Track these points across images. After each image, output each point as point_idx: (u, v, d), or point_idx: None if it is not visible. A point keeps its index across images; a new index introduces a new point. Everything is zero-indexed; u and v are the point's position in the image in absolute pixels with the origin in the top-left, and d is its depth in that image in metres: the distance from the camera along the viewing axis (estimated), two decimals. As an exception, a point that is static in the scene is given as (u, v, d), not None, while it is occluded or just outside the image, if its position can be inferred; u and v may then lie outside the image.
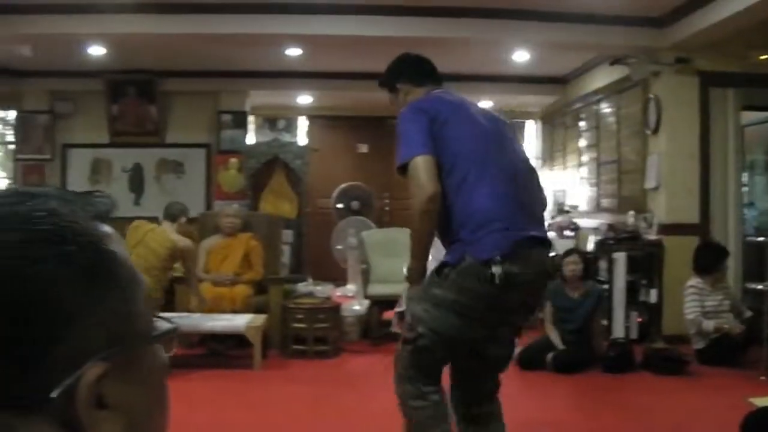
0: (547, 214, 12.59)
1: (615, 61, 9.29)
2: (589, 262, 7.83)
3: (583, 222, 10.93)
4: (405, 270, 3.51)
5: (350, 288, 10.97)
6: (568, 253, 7.81)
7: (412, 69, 4.01)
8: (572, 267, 7.48)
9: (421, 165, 3.32)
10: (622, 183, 9.93)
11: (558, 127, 12.83)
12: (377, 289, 8.66)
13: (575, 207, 11.40)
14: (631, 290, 8.45)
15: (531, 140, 14.27)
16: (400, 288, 8.37)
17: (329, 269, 11.99)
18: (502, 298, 3.27)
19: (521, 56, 9.93)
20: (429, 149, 3.34)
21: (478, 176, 3.35)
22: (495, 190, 3.32)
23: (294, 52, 9.85)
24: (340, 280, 11.50)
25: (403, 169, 3.42)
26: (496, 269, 3.17)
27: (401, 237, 9.18)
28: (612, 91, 10.16)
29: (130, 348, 0.78)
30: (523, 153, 3.77)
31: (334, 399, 6.36)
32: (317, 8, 8.44)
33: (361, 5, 8.44)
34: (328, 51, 10.07)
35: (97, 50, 9.73)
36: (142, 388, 0.80)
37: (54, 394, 0.71)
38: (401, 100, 3.98)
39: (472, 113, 3.58)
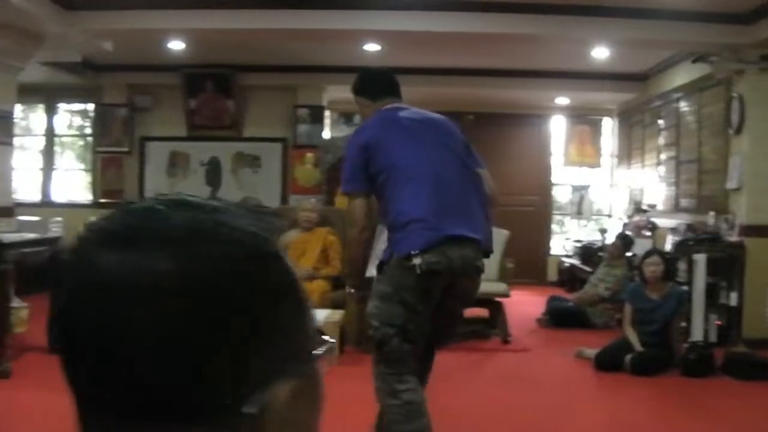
0: (624, 213, 12.52)
1: (697, 59, 9.13)
2: (670, 263, 7.66)
3: (661, 221, 10.77)
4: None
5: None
6: (649, 254, 7.68)
7: (368, 85, 4.41)
8: (653, 268, 7.35)
9: (358, 205, 3.93)
10: (702, 183, 9.75)
11: (636, 124, 12.65)
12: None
13: (653, 206, 11.23)
14: (711, 292, 8.28)
15: (607, 137, 14.13)
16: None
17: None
18: (427, 286, 3.69)
19: (601, 53, 9.79)
20: (363, 188, 3.93)
21: (404, 186, 3.80)
22: (418, 197, 3.75)
23: (372, 47, 9.83)
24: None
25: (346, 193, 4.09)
26: (416, 260, 3.61)
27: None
28: (693, 89, 9.98)
29: (308, 364, 0.81)
30: (463, 158, 4.04)
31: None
32: (397, 4, 8.44)
33: (440, 1, 8.40)
34: (406, 47, 10.03)
35: (176, 45, 9.83)
36: (314, 405, 0.83)
37: (249, 410, 0.72)
38: (361, 111, 4.52)
39: (407, 126, 3.99)
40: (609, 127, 14.17)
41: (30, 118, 13.04)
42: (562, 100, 13.37)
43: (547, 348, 8.35)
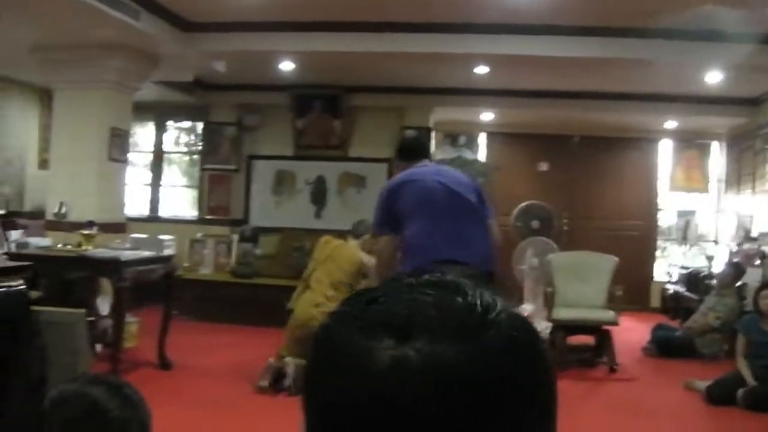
0: (731, 240, 12.28)
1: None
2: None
3: (772, 250, 10.55)
4: None
5: (527, 308, 10.87)
6: (765, 285, 7.51)
7: (403, 152, 5.37)
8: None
9: (385, 241, 4.97)
10: (817, 212, 9.52)
11: (746, 150, 12.39)
12: (563, 313, 8.53)
13: (764, 234, 10.99)
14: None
15: (715, 162, 13.88)
16: (587, 312, 8.30)
17: (508, 288, 11.89)
18: None
19: (714, 77, 9.66)
20: (389, 229, 4.89)
21: (416, 223, 4.75)
22: (424, 233, 4.71)
23: (482, 70, 9.85)
24: (516, 298, 11.41)
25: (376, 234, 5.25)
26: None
27: (591, 260, 9.07)
28: (810, 116, 9.76)
29: None
30: (473, 202, 4.92)
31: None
32: (507, 29, 8.46)
33: (550, 27, 8.37)
34: (514, 69, 10.03)
35: (286, 66, 9.97)
36: None
37: None
38: (397, 171, 5.39)
39: (425, 179, 4.91)
40: (717, 151, 13.92)
41: (139, 134, 13.31)
42: (670, 124, 13.19)
43: (655, 378, 8.21)
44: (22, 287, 3.27)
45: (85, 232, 6.97)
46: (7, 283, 3.25)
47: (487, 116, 13.17)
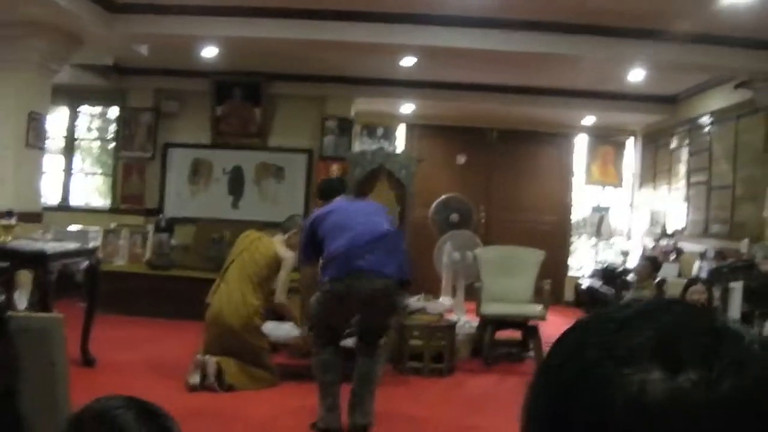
0: (644, 235, 12.46)
1: (739, 85, 9.06)
2: (712, 291, 7.56)
3: (687, 246, 10.70)
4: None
5: (444, 301, 10.85)
6: (693, 282, 7.55)
7: (325, 192, 6.18)
8: (697, 297, 7.21)
9: (308, 273, 5.91)
10: (735, 209, 9.67)
11: (662, 147, 12.55)
12: (492, 307, 8.50)
13: (680, 231, 11.15)
14: (745, 321, 8.20)
15: (629, 158, 14.06)
16: (516, 307, 8.31)
17: (424, 281, 11.85)
18: (341, 300, 5.44)
19: (637, 75, 9.74)
20: (312, 258, 5.75)
21: (334, 240, 5.48)
22: (339, 246, 5.42)
23: (408, 61, 9.78)
24: (434, 292, 11.38)
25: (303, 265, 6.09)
26: (331, 285, 5.43)
27: (518, 254, 9.08)
28: (729, 115, 9.89)
29: None
30: (382, 222, 5.73)
31: (467, 422, 6.25)
32: (435, 20, 8.40)
33: (480, 19, 8.33)
34: (440, 62, 10.00)
35: (209, 51, 9.76)
36: None
37: None
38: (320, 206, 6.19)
39: (341, 207, 5.76)
40: (631, 148, 14.09)
41: (50, 119, 12.93)
42: (588, 120, 13.31)
43: (582, 372, 8.25)
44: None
45: (4, 222, 6.68)
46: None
47: (407, 108, 13.13)
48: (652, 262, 9.88)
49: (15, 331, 2.50)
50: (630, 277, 10.51)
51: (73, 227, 7.51)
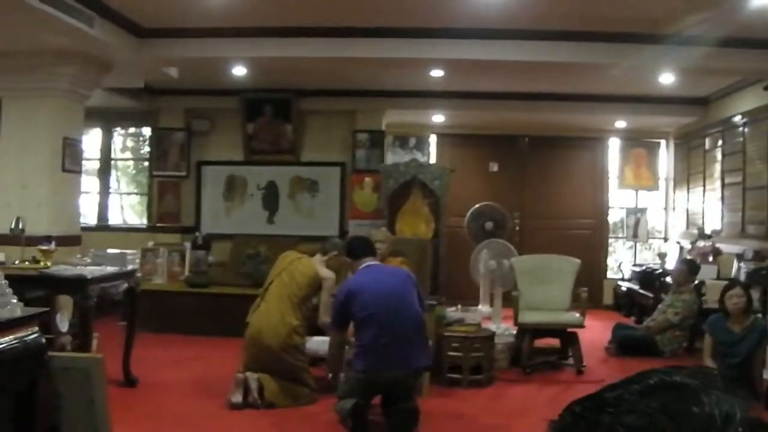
0: (681, 237, 12.40)
1: (769, 86, 9.03)
2: (750, 294, 7.52)
3: (725, 247, 10.64)
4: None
5: (483, 310, 10.87)
6: (731, 285, 7.51)
7: (348, 253, 6.43)
8: (736, 300, 7.20)
9: (335, 337, 6.08)
10: (772, 209, 9.62)
11: (695, 148, 12.49)
12: (529, 316, 8.50)
13: (717, 231, 11.09)
14: (785, 322, 8.16)
15: (663, 160, 14.00)
16: (553, 315, 8.30)
17: (461, 289, 11.88)
18: (369, 386, 5.69)
19: (667, 79, 9.72)
20: (342, 327, 5.96)
21: (366, 328, 5.69)
22: (370, 338, 5.63)
23: (437, 73, 9.81)
24: (472, 300, 11.40)
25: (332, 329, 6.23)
26: (363, 373, 5.64)
27: (553, 263, 9.07)
28: (762, 116, 9.83)
29: None
30: (412, 305, 5.87)
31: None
32: (462, 33, 8.45)
33: (507, 30, 8.36)
34: (468, 73, 10.00)
35: (239, 71, 9.84)
36: None
37: None
38: (349, 266, 6.61)
39: (375, 282, 5.89)
40: (664, 150, 14.03)
41: (85, 141, 13.07)
42: (620, 124, 13.28)
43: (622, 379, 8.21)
44: (37, 336, 3.07)
45: (44, 248, 6.77)
46: (22, 334, 3.05)
47: (438, 118, 13.16)
48: (689, 266, 9.83)
49: (56, 371, 2.56)
50: (668, 280, 10.46)
51: (111, 250, 7.54)
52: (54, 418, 2.47)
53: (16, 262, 6.83)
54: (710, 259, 10.66)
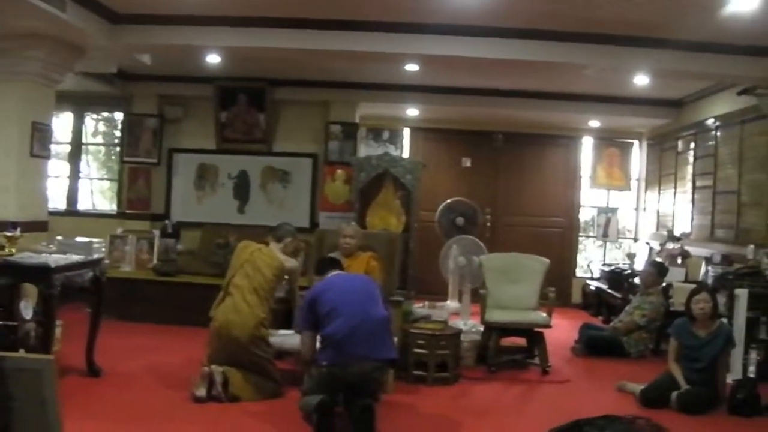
0: (650, 238, 12.45)
1: (743, 92, 9.04)
2: (716, 299, 7.54)
3: (694, 250, 10.69)
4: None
5: (451, 305, 10.88)
6: (697, 290, 7.53)
7: (316, 270, 6.70)
8: (702, 305, 7.22)
9: (307, 337, 6.12)
10: (741, 214, 9.66)
11: (667, 150, 12.55)
12: (495, 315, 8.50)
13: (687, 234, 11.14)
14: (751, 327, 8.21)
15: (635, 161, 14.05)
16: (520, 314, 8.32)
17: (430, 284, 11.90)
18: (335, 380, 5.76)
19: (642, 80, 9.74)
20: (309, 328, 6.08)
21: (330, 322, 5.85)
22: (334, 331, 5.80)
23: (412, 68, 9.78)
24: (440, 295, 11.41)
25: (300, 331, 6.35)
26: (328, 368, 5.78)
27: (522, 262, 9.07)
28: (734, 120, 9.88)
29: None
30: (374, 305, 6.07)
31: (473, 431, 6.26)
32: (437, 29, 8.43)
33: (483, 27, 8.35)
34: (444, 68, 9.99)
35: (212, 59, 9.76)
36: None
37: None
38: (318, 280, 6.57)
39: (340, 282, 6.24)
40: (637, 150, 14.08)
41: (56, 125, 12.97)
42: (593, 123, 13.31)
43: (587, 379, 8.22)
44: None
45: (9, 234, 6.68)
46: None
47: (412, 112, 13.14)
48: (657, 268, 9.86)
49: (7, 371, 2.52)
50: (636, 281, 10.50)
51: (78, 239, 7.46)
52: (5, 418, 2.44)
53: (-24, 248, 6.74)
54: (679, 261, 10.72)
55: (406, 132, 14.04)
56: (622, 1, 7.22)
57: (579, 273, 14.10)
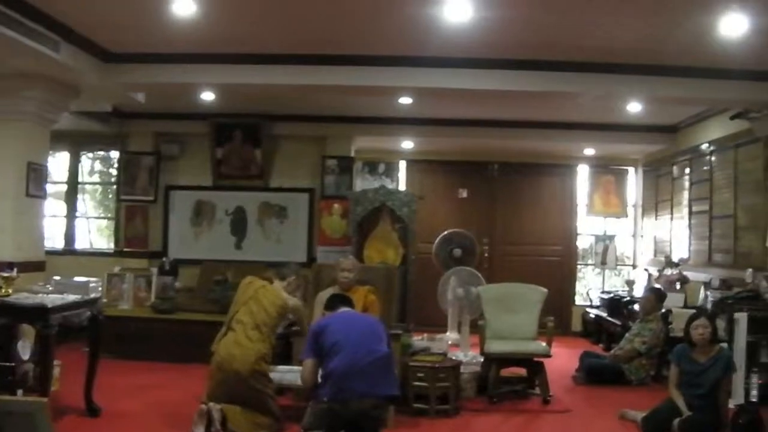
0: (649, 264, 12.44)
1: (736, 116, 9.07)
2: (716, 324, 7.51)
3: (692, 275, 10.68)
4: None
5: (450, 337, 10.85)
6: (696, 316, 7.48)
7: (326, 307, 6.52)
8: (701, 331, 7.17)
9: (308, 365, 5.91)
10: (738, 239, 9.66)
11: (663, 176, 12.57)
12: (495, 345, 8.47)
13: (685, 260, 11.14)
14: (752, 351, 8.18)
15: (631, 187, 14.07)
16: (520, 345, 8.28)
17: (429, 316, 11.86)
18: (335, 416, 5.64)
19: (635, 107, 9.77)
20: (312, 356, 5.90)
21: (333, 356, 5.73)
22: (335, 366, 5.67)
23: (406, 100, 9.81)
24: (440, 326, 11.38)
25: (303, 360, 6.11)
26: (328, 404, 5.62)
27: (520, 292, 9.06)
28: (728, 145, 9.91)
29: None
30: (378, 342, 5.95)
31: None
32: (430, 62, 8.43)
33: (477, 59, 8.37)
34: (438, 100, 10.01)
35: (207, 96, 9.79)
36: None
37: None
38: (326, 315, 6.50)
39: (347, 318, 6.18)
40: (633, 177, 14.10)
41: (52, 164, 12.98)
42: (588, 151, 13.33)
43: (588, 408, 8.18)
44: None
45: (5, 275, 6.66)
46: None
47: (407, 144, 13.16)
48: (656, 295, 9.86)
49: (1, 414, 2.51)
50: (636, 308, 10.47)
51: (75, 279, 7.45)
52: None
53: (-27, 289, 6.73)
54: (677, 287, 10.70)
55: (402, 164, 14.05)
56: (613, 29, 7.24)
57: (578, 301, 14.06)
